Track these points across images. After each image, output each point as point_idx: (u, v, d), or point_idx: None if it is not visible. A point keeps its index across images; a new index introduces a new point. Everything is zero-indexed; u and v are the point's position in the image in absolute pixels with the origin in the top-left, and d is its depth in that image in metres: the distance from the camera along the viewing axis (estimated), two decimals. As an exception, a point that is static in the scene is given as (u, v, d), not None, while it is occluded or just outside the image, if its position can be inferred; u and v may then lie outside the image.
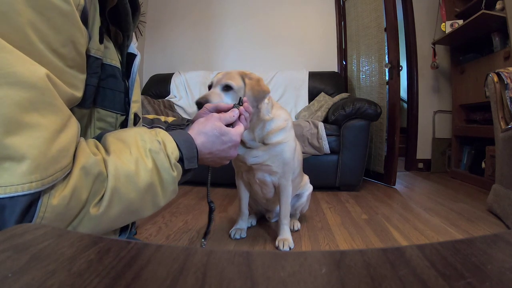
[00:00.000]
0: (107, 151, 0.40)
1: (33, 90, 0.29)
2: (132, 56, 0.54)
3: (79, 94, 0.38)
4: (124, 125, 0.51)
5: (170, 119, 0.76)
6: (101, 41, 0.43)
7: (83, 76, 0.39)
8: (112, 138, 0.42)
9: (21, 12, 0.29)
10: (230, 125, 0.62)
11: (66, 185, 0.33)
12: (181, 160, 0.47)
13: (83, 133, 0.45)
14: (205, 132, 0.53)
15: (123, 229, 0.52)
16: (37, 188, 0.29)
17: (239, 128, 0.62)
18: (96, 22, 0.41)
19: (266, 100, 1.10)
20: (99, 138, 0.42)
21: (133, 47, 0.54)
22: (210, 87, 1.05)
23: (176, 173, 0.45)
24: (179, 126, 0.70)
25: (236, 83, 1.01)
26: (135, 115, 0.53)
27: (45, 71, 0.31)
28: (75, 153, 0.35)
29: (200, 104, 0.95)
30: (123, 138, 0.42)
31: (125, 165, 0.39)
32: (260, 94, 1.03)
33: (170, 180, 0.44)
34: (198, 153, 0.50)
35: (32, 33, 0.30)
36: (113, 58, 0.48)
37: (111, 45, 0.48)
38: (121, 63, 0.51)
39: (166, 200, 0.45)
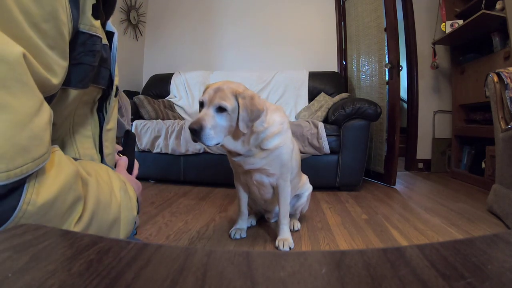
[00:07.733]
0: (86, 171, 0.38)
1: (4, 66, 0.25)
2: (111, 34, 0.52)
3: (55, 80, 0.33)
4: (103, 98, 0.51)
5: None
6: (96, 17, 0.39)
7: (63, 63, 0.34)
8: (88, 163, 0.41)
9: None
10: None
11: (51, 187, 0.30)
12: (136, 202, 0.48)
13: (73, 110, 0.44)
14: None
15: None
16: (1, 180, 0.25)
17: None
18: None
19: None
20: None
21: (110, 25, 0.53)
22: (201, 103, 1.00)
23: (135, 213, 0.46)
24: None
25: (230, 103, 0.97)
26: (116, 87, 0.55)
27: (22, 50, 0.27)
28: (60, 161, 0.33)
29: (194, 130, 0.92)
30: (97, 166, 0.42)
31: (103, 192, 0.38)
32: (254, 114, 0.99)
33: (131, 219, 0.45)
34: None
35: (10, 0, 0.26)
36: (103, 36, 0.47)
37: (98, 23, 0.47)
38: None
39: (123, 237, 0.44)
